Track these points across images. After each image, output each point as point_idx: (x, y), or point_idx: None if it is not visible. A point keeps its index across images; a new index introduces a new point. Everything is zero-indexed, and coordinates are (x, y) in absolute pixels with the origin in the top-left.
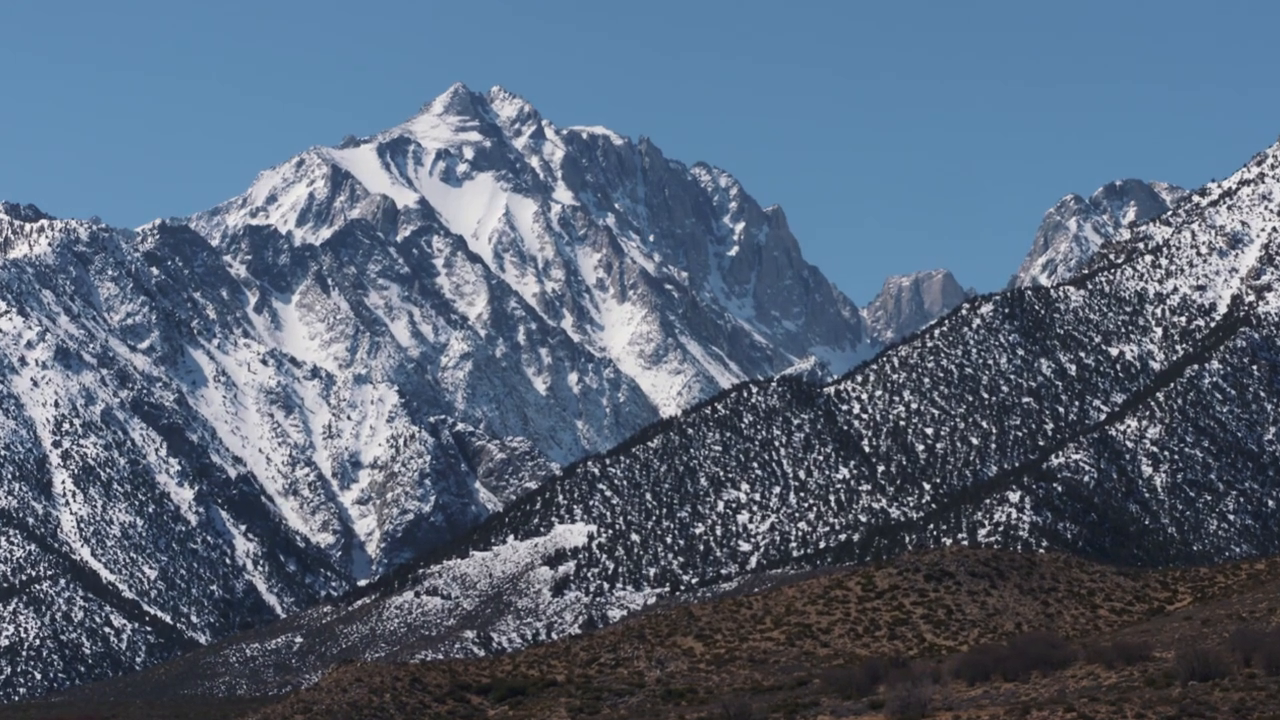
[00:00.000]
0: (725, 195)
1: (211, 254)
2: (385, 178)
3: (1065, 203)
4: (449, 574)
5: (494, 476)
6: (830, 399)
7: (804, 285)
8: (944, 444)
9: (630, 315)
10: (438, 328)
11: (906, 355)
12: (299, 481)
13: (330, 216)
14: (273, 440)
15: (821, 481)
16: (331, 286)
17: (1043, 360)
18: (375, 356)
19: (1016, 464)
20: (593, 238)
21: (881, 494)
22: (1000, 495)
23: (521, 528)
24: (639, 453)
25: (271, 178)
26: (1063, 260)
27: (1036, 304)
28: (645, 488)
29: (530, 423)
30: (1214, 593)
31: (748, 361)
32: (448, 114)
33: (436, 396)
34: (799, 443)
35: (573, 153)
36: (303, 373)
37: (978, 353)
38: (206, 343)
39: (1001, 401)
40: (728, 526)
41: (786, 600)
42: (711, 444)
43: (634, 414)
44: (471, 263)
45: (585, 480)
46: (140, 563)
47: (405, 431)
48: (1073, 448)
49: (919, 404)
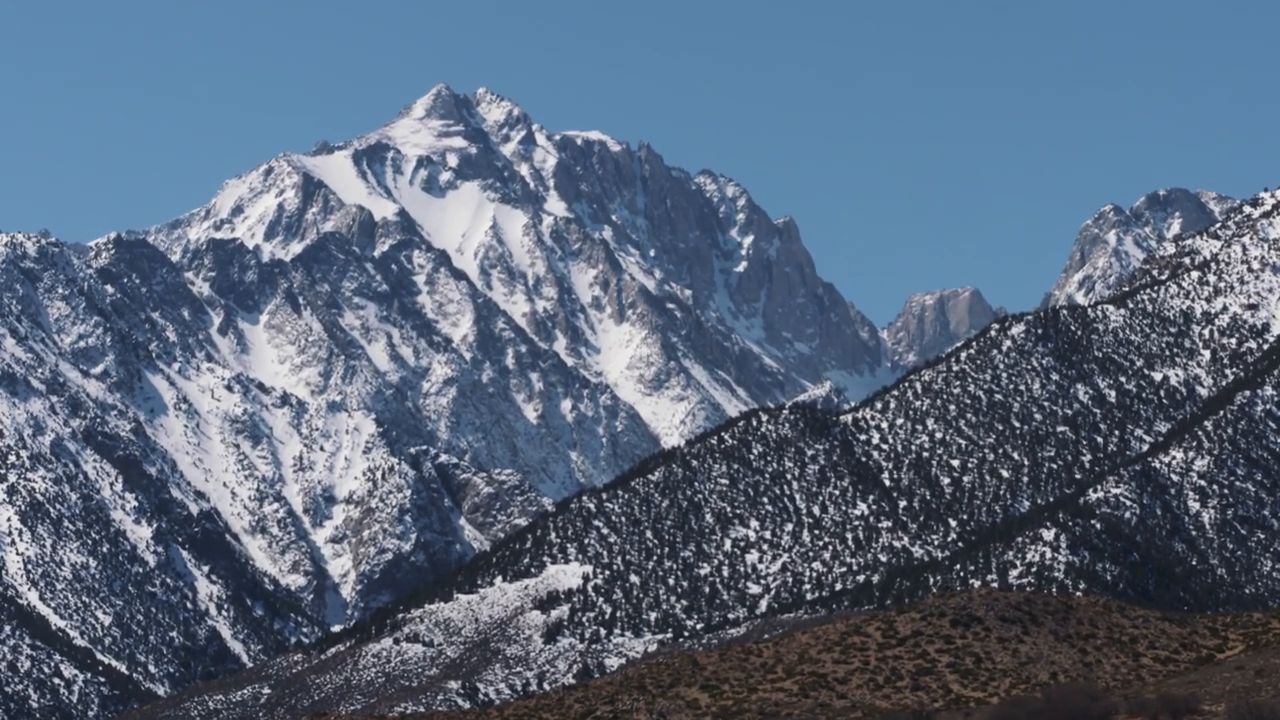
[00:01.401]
0: (732, 206)
1: (171, 270)
2: (361, 187)
3: (1103, 214)
4: (431, 619)
5: (480, 513)
6: (847, 428)
7: (818, 304)
8: (971, 477)
9: (629, 337)
10: (419, 350)
11: (930, 380)
12: (267, 518)
13: (301, 229)
14: (238, 473)
15: (838, 518)
16: (303, 306)
17: (1079, 386)
18: (351, 382)
19: (1051, 499)
20: (588, 252)
21: (903, 531)
22: (1033, 533)
23: (510, 568)
24: (639, 486)
25: (237, 187)
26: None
27: (1072, 324)
28: (645, 525)
29: (520, 454)
30: (1268, 640)
31: (757, 387)
32: (429, 118)
33: (417, 425)
34: (813, 475)
35: (566, 160)
36: (271, 400)
37: (1008, 377)
38: (166, 367)
39: (1034, 431)
40: (735, 567)
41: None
42: (718, 477)
43: (633, 444)
44: (456, 280)
45: (580, 517)
46: (93, 607)
47: (383, 463)
48: (1112, 481)
49: (944, 433)
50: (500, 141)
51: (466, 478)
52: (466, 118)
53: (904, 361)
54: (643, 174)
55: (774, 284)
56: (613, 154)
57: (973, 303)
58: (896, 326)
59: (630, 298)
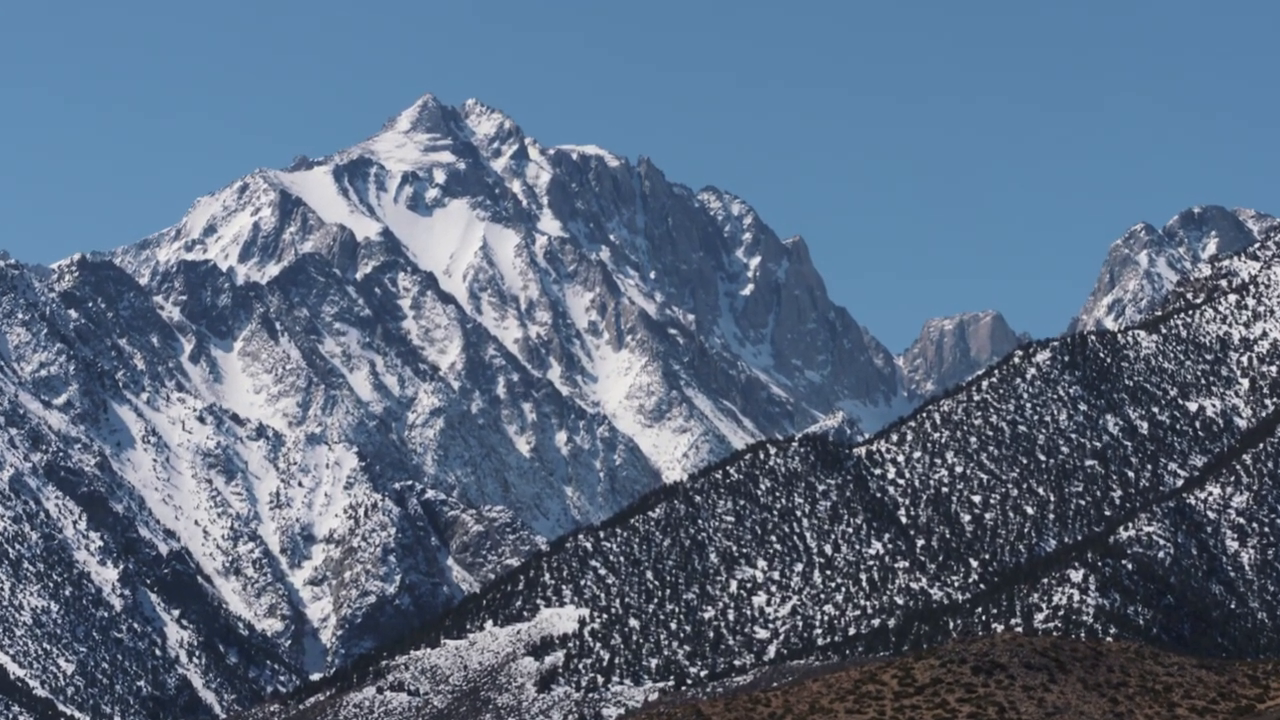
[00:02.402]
0: (738, 225)
1: (139, 294)
2: (343, 205)
3: (1134, 233)
4: (417, 666)
5: (469, 552)
6: (861, 461)
7: (830, 329)
8: (994, 514)
9: (628, 364)
10: (404, 379)
11: (950, 410)
12: (242, 559)
13: (278, 250)
14: (211, 511)
15: (851, 557)
16: (280, 331)
17: (1109, 416)
18: (331, 413)
19: (1079, 537)
20: (584, 274)
21: (921, 572)
22: (1060, 574)
23: (502, 612)
24: (638, 524)
25: (210, 205)
26: (1132, 300)
27: (1101, 351)
28: (646, 565)
29: (512, 489)
30: None
31: (765, 418)
32: (415, 131)
33: (402, 459)
34: (825, 512)
35: (561, 176)
36: (246, 432)
37: (1033, 408)
38: (133, 397)
39: (1061, 465)
40: (742, 610)
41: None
42: (723, 514)
43: (632, 479)
44: (443, 304)
45: (576, 556)
46: (55, 655)
47: (366, 500)
48: (1145, 519)
49: (964, 467)
50: (491, 156)
51: (455, 515)
52: (455, 131)
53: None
54: (642, 191)
55: (783, 308)
56: (610, 169)
57: (995, 328)
58: (913, 353)
59: (629, 323)
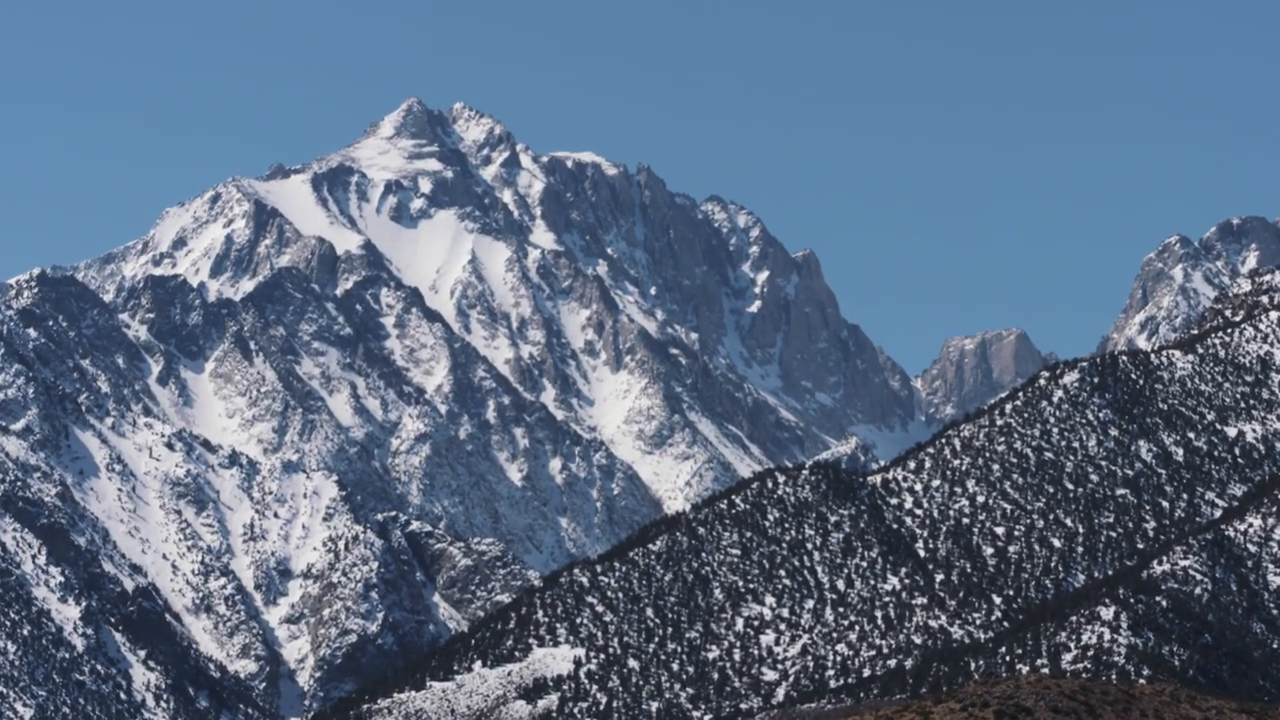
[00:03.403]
0: (744, 238)
1: (103, 312)
2: (321, 216)
3: (1169, 246)
4: (401, 710)
5: (457, 588)
6: (876, 490)
7: (843, 349)
8: (1018, 547)
9: (626, 387)
10: (387, 403)
11: (971, 436)
12: (213, 595)
13: (253, 265)
14: (180, 544)
15: (865, 593)
16: (254, 351)
17: (1142, 443)
18: (309, 439)
19: (1109, 572)
20: (580, 290)
21: (940, 609)
22: (1089, 611)
23: (492, 652)
24: (638, 558)
25: (179, 216)
26: (1166, 318)
27: (1134, 372)
28: (646, 601)
29: (502, 521)
30: None
31: (773, 444)
32: (399, 137)
33: (385, 488)
34: (837, 545)
35: (555, 185)
36: (218, 459)
37: (1060, 433)
38: (97, 422)
39: (1090, 494)
40: (749, 650)
41: None
42: (728, 547)
43: (631, 509)
44: (429, 322)
45: (571, 592)
46: (12, 698)
47: (346, 532)
48: (1180, 552)
49: (987, 497)
50: (480, 164)
51: (441, 548)
52: (441, 137)
53: (941, 414)
54: (642, 201)
55: (792, 326)
56: (608, 178)
57: (1019, 347)
58: (932, 374)
59: (628, 342)
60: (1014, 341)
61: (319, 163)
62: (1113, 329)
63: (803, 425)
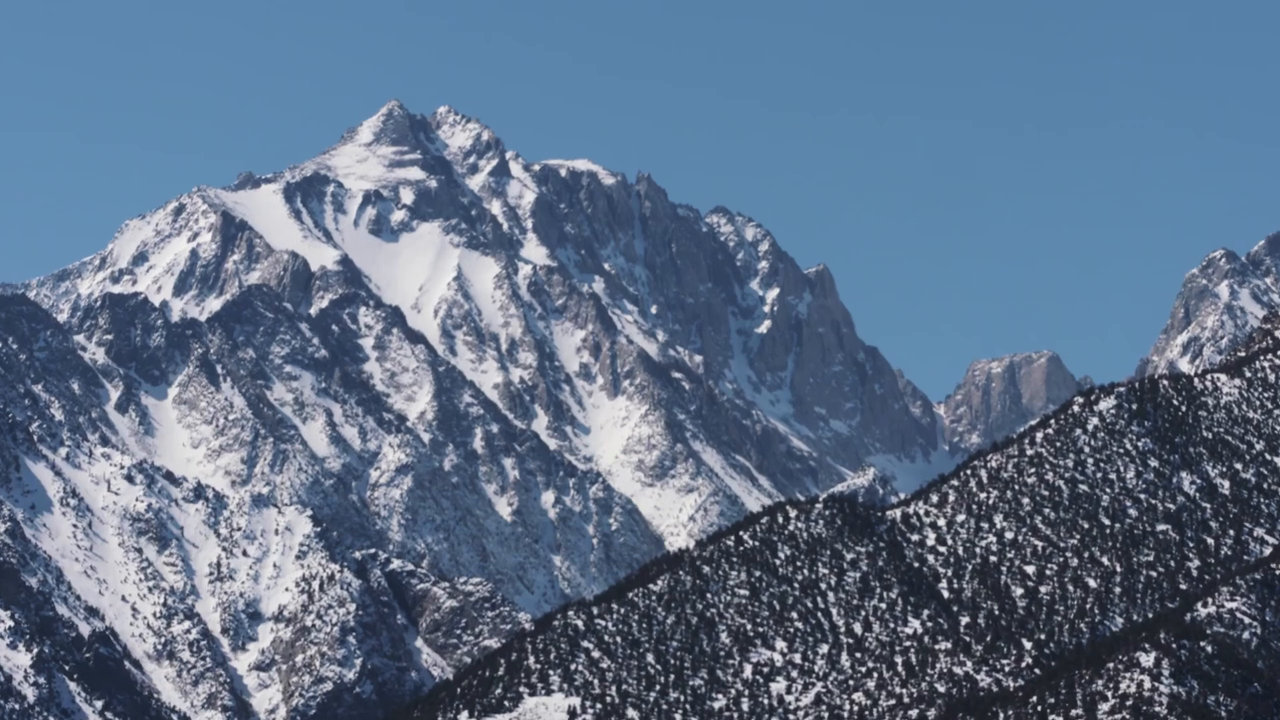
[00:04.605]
0: (753, 252)
1: (57, 333)
2: (294, 229)
3: (1213, 261)
4: None
5: (441, 632)
6: (895, 526)
7: (859, 372)
8: (1050, 587)
9: (625, 413)
10: (365, 431)
11: (998, 467)
12: (176, 640)
13: (220, 282)
14: (141, 585)
15: (884, 637)
16: (222, 376)
17: (1184, 474)
18: (281, 470)
19: (1150, 614)
20: (574, 309)
21: (966, 655)
22: (1128, 657)
23: (479, 700)
24: (637, 599)
25: (139, 229)
26: (1210, 339)
27: (1175, 398)
28: (646, 646)
29: (491, 559)
30: None
31: (784, 475)
32: (379, 143)
33: (364, 524)
34: (853, 585)
35: (547, 195)
36: (182, 493)
37: (1095, 464)
38: (50, 453)
39: (1129, 530)
40: (758, 699)
41: None
42: (735, 587)
43: (631, 546)
44: (411, 343)
45: (565, 636)
46: None
47: (321, 571)
48: (1227, 592)
49: (1016, 533)
50: (466, 172)
51: (424, 589)
52: (424, 143)
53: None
54: (642, 212)
55: (804, 348)
56: (605, 188)
57: (1050, 371)
58: (956, 400)
59: (627, 365)
60: (1045, 365)
61: (291, 171)
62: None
63: (816, 455)
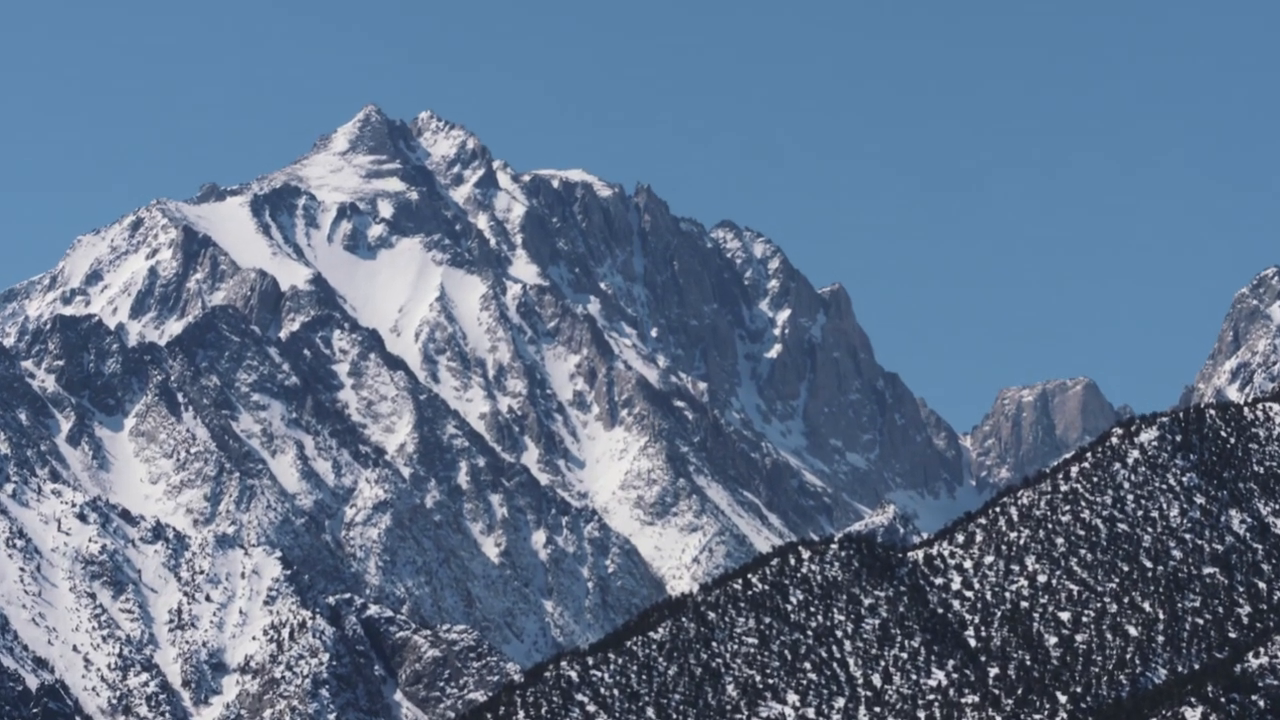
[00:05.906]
0: (762, 270)
1: (4, 358)
2: (263, 245)
3: (1264, 279)
4: None
5: (423, 684)
6: (918, 568)
7: (878, 401)
8: (1087, 635)
9: (623, 446)
10: (340, 465)
11: (1030, 504)
12: (133, 694)
13: (181, 303)
14: (95, 633)
15: (906, 690)
16: (183, 405)
17: (1233, 512)
18: (248, 508)
19: (1196, 665)
20: (568, 332)
21: (995, 708)
22: (1173, 711)
23: None
24: (636, 648)
25: (93, 246)
26: (1262, 364)
27: (1223, 429)
28: (646, 699)
29: (477, 604)
30: None
31: (796, 513)
32: (355, 152)
33: (338, 566)
34: (872, 632)
35: (538, 208)
36: (140, 533)
37: (1136, 500)
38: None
39: (1173, 573)
40: None
41: None
42: (743, 634)
43: (629, 590)
44: (390, 369)
45: (558, 688)
46: None
47: (292, 618)
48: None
49: (1049, 576)
50: (450, 184)
51: (404, 636)
52: (404, 152)
53: (994, 479)
54: (641, 227)
55: (818, 374)
56: (601, 200)
57: (1087, 399)
58: (984, 431)
59: (625, 393)
60: (1081, 392)
61: (259, 182)
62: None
63: (831, 491)
